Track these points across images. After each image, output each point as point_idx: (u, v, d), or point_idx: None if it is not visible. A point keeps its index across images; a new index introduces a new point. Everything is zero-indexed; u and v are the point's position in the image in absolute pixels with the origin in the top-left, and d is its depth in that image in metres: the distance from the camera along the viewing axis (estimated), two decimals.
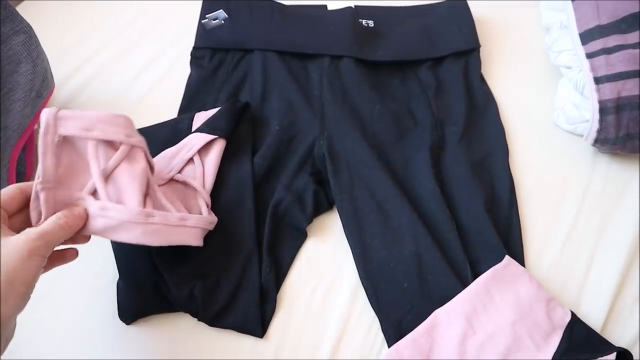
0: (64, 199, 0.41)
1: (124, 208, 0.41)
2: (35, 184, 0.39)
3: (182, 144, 0.55)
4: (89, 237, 0.44)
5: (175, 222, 0.45)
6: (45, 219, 0.39)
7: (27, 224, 0.41)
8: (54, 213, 0.40)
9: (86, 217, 0.41)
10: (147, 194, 0.45)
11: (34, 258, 0.37)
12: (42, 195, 0.39)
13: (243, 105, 0.60)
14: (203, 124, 0.56)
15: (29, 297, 0.37)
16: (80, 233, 0.41)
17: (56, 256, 0.44)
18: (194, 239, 0.48)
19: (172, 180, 0.52)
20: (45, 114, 0.39)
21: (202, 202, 0.52)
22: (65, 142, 0.41)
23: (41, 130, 0.39)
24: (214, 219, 0.51)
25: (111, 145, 0.43)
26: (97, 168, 0.41)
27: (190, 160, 0.54)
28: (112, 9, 0.75)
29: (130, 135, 0.44)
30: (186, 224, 0.47)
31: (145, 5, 0.75)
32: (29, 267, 0.36)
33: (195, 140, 0.54)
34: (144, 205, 0.43)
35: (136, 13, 0.74)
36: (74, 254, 0.45)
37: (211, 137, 0.55)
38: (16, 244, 0.36)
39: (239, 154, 0.57)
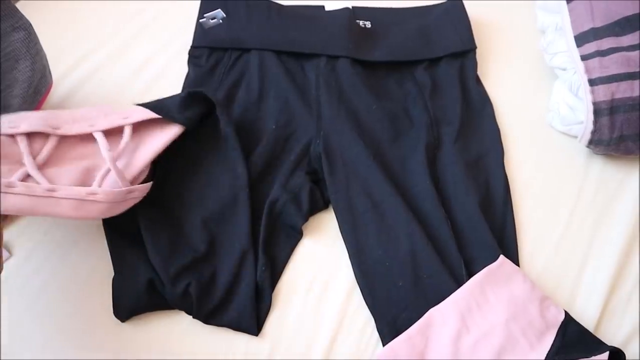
0: None
1: None
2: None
3: (120, 110, 0.52)
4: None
5: (41, 192, 0.44)
6: None
7: None
8: None
9: None
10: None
11: None
12: None
13: (205, 97, 0.57)
14: (152, 102, 0.54)
15: None
16: None
17: None
18: (69, 211, 0.46)
19: (87, 136, 0.49)
20: None
21: (101, 173, 0.48)
22: None
23: None
24: (97, 190, 0.47)
25: None
26: None
27: (120, 130, 0.51)
28: (110, 7, 0.75)
29: None
30: (54, 195, 0.45)
31: (143, 4, 0.75)
32: None
33: (135, 113, 0.51)
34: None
35: (135, 11, 0.74)
36: None
37: (153, 115, 0.52)
38: None
39: (231, 154, 0.57)
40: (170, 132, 0.53)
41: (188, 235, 0.53)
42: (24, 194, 0.44)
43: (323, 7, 0.70)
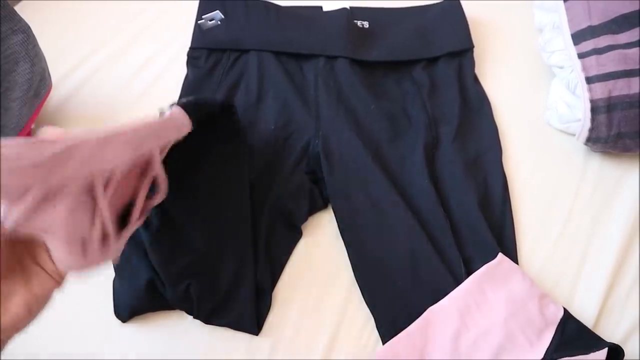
0: None
1: None
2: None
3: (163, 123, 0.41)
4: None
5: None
6: None
7: None
8: None
9: None
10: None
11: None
12: None
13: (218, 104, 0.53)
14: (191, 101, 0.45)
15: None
16: None
17: None
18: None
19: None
20: None
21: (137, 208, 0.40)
22: None
23: None
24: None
25: None
26: None
27: None
28: (109, 8, 0.75)
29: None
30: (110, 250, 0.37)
31: (143, 5, 0.75)
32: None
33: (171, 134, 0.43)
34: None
35: (134, 13, 0.75)
36: None
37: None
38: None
39: (233, 155, 0.57)
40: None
41: (188, 235, 0.53)
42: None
43: (321, 7, 0.71)
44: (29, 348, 0.50)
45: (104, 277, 0.53)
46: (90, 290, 0.53)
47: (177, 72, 0.67)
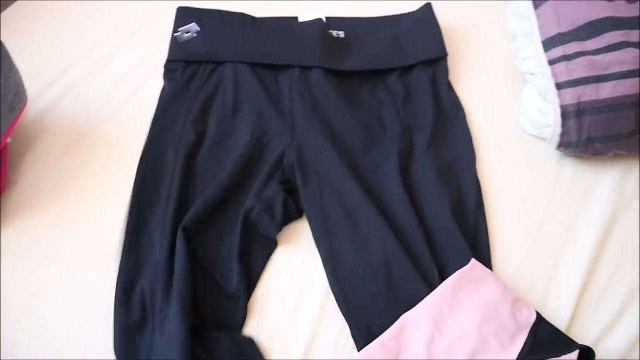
0: None
1: None
2: None
3: None
4: None
5: None
6: None
7: None
8: None
9: None
10: None
11: None
12: None
13: None
14: None
15: None
16: None
17: None
18: None
19: None
20: None
21: None
22: None
23: None
24: None
25: None
26: None
27: None
28: (86, 22, 0.76)
29: None
30: None
31: (121, 17, 0.76)
32: None
33: None
34: None
35: (112, 25, 0.75)
36: None
37: None
38: None
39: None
40: None
41: None
42: None
43: (296, 18, 0.71)
44: (29, 349, 0.50)
45: (98, 277, 0.53)
46: (87, 291, 0.53)
47: (153, 86, 0.67)
